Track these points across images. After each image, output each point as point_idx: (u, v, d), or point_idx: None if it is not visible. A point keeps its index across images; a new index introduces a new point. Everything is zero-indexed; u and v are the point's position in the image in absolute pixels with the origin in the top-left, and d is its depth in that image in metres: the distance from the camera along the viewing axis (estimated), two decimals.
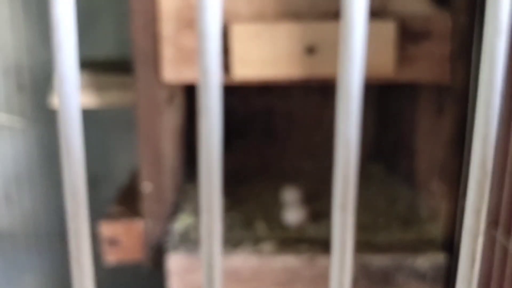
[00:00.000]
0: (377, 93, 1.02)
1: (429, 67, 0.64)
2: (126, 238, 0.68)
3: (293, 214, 0.74)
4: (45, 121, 1.07)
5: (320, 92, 1.01)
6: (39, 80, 1.05)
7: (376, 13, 0.63)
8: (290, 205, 0.76)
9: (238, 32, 0.61)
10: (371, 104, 1.02)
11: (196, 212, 0.77)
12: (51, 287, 1.18)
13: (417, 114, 0.81)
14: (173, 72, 0.63)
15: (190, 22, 0.62)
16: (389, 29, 0.63)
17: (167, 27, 0.62)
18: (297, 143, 1.03)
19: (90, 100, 0.72)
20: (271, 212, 0.79)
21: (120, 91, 0.74)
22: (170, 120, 0.74)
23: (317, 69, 0.62)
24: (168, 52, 0.63)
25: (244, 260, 0.65)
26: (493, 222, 0.59)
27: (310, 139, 1.03)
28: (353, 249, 0.28)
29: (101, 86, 0.73)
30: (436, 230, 0.71)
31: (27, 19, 1.02)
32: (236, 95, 0.99)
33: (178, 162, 0.82)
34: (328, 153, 1.12)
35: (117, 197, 0.77)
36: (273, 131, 1.02)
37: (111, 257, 0.68)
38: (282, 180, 0.94)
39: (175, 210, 0.77)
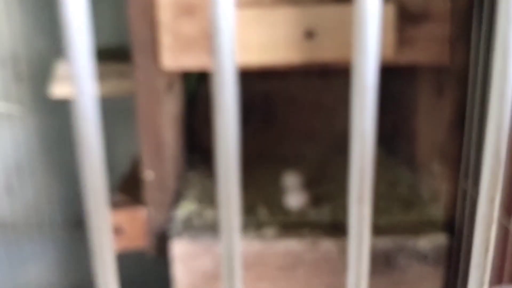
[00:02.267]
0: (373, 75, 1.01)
1: (428, 48, 0.63)
2: (130, 226, 0.69)
3: (295, 198, 0.74)
4: (44, 110, 1.06)
5: (320, 76, 1.01)
6: (36, 70, 1.04)
7: None
8: (291, 189, 0.76)
9: (237, 18, 0.60)
10: None
11: (198, 199, 0.78)
12: (53, 276, 1.19)
13: (417, 97, 0.80)
14: (171, 59, 0.63)
15: (188, 8, 0.62)
16: (388, 11, 0.62)
17: (165, 13, 0.62)
18: (296, 127, 1.03)
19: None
20: (273, 197, 0.79)
21: (119, 80, 0.74)
22: (170, 108, 0.73)
23: (316, 54, 0.62)
24: (166, 39, 0.62)
25: (247, 245, 0.65)
26: (505, 210, 0.59)
27: (309, 123, 1.03)
28: (370, 239, 0.28)
29: (99, 75, 0.73)
30: (437, 211, 0.71)
31: (23, 8, 1.01)
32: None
33: (178, 149, 0.82)
34: (328, 137, 1.12)
35: (119, 186, 0.77)
36: (273, 116, 1.02)
37: (115, 245, 0.68)
38: (282, 165, 0.94)
39: (177, 198, 0.77)
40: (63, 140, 1.09)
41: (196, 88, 0.97)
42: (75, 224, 1.15)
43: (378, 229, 0.68)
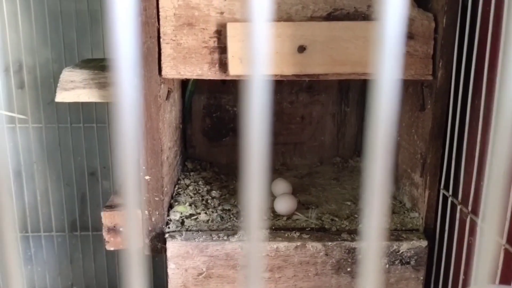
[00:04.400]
0: (358, 90, 1.03)
1: (412, 65, 0.65)
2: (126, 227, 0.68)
3: (283, 204, 0.75)
4: (44, 117, 1.06)
5: (307, 91, 1.02)
6: (39, 78, 1.04)
7: (363, 15, 0.64)
8: (280, 196, 0.76)
9: (233, 31, 0.61)
10: (355, 101, 1.03)
11: (191, 203, 0.78)
12: (50, 278, 1.18)
13: (400, 111, 0.82)
14: (171, 69, 0.64)
15: (188, 21, 0.63)
16: (375, 29, 0.63)
17: (167, 25, 0.62)
18: (285, 139, 1.03)
19: (92, 95, 0.72)
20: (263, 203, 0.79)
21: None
22: (168, 116, 0.74)
23: (307, 67, 0.63)
24: (167, 50, 0.63)
25: (238, 246, 0.65)
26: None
27: (297, 135, 1.04)
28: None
29: (101, 82, 0.73)
30: (418, 219, 0.72)
31: (29, 20, 1.01)
32: (229, 93, 0.99)
33: (173, 156, 0.82)
34: (314, 149, 1.12)
35: (118, 189, 0.77)
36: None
37: (112, 245, 0.68)
38: (271, 174, 0.95)
39: (171, 202, 0.77)
40: (62, 146, 1.08)
41: (191, 98, 0.98)
42: (71, 227, 1.14)
43: (362, 234, 0.68)
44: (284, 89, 1.01)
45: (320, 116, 1.03)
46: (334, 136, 1.05)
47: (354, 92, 1.03)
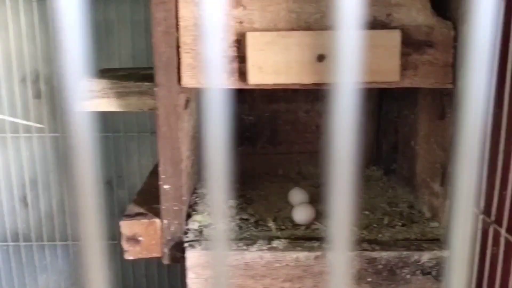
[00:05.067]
0: (376, 100, 1.02)
1: (432, 73, 0.64)
2: (146, 236, 0.68)
3: (302, 213, 0.74)
4: (61, 127, 1.07)
5: (322, 100, 1.02)
6: (54, 88, 1.05)
7: (382, 23, 0.64)
8: (298, 205, 0.76)
9: (253, 40, 0.61)
10: (371, 111, 1.03)
11: (208, 213, 0.77)
12: (63, 286, 1.17)
13: (417, 119, 0.81)
14: (191, 78, 0.64)
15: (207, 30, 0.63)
16: (394, 38, 0.63)
17: (186, 35, 0.62)
18: (301, 148, 1.03)
19: (111, 104, 0.72)
20: (281, 212, 0.79)
21: (137, 96, 0.74)
22: (186, 124, 0.74)
23: (327, 76, 0.63)
24: (186, 59, 0.63)
25: (259, 257, 0.65)
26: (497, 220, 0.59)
27: (313, 144, 1.03)
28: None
29: (120, 92, 0.74)
30: (439, 228, 0.71)
31: (44, 29, 1.02)
32: (245, 102, 0.99)
33: (191, 165, 0.82)
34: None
35: (135, 198, 0.77)
36: (279, 136, 1.03)
37: (131, 254, 0.68)
38: (287, 183, 0.94)
39: (189, 211, 0.77)
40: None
41: None
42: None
43: (383, 245, 0.68)
44: (299, 98, 1.01)
45: None
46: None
47: (370, 101, 1.02)
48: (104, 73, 0.85)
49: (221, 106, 0.25)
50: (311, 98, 1.01)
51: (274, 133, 1.02)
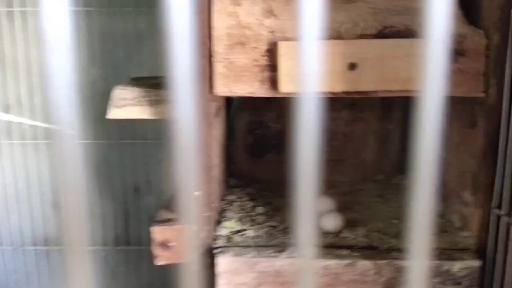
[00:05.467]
0: (402, 108, 1.02)
1: (464, 82, 0.64)
2: (177, 242, 0.69)
3: (331, 221, 0.74)
4: (91, 134, 1.09)
5: (351, 107, 1.02)
6: (87, 95, 1.07)
7: (414, 32, 0.64)
8: (327, 213, 0.76)
9: (285, 50, 0.62)
10: (396, 119, 1.02)
11: (238, 219, 0.78)
12: None
13: (448, 128, 0.81)
14: (223, 87, 0.65)
15: (240, 40, 0.64)
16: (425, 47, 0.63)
17: (219, 45, 0.64)
18: (328, 156, 1.03)
19: (144, 112, 0.73)
20: None
21: (168, 105, 0.76)
22: (216, 132, 0.75)
23: (358, 84, 0.63)
24: (219, 68, 0.64)
25: (289, 264, 0.65)
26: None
27: (339, 152, 1.03)
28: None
29: (153, 100, 0.75)
30: (469, 238, 0.71)
31: (79, 40, 1.05)
32: (272, 111, 1.00)
33: (220, 172, 0.83)
34: (356, 166, 1.12)
35: (166, 204, 0.78)
36: None
37: (162, 259, 0.69)
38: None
39: (219, 217, 0.78)
40: (106, 162, 1.11)
41: (235, 115, 0.99)
42: (114, 241, 1.16)
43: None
44: (326, 106, 1.01)
45: (362, 133, 1.02)
46: (377, 154, 1.04)
47: (398, 109, 1.02)
48: (136, 81, 0.86)
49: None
50: (338, 106, 1.01)
51: None
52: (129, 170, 1.11)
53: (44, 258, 1.16)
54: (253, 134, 1.01)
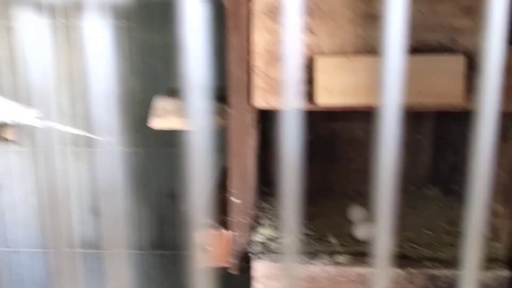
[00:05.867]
0: (433, 120, 1.03)
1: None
2: (215, 246, 0.72)
3: (363, 230, 0.76)
4: (131, 140, 1.13)
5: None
6: (125, 104, 1.12)
7: (447, 48, 0.66)
8: (359, 222, 0.78)
9: (322, 64, 0.65)
10: (428, 130, 1.04)
11: (272, 226, 0.81)
12: None
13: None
14: (261, 99, 0.68)
15: (278, 56, 0.67)
16: (458, 62, 0.65)
17: (259, 60, 0.67)
18: (358, 166, 1.05)
19: (184, 122, 0.77)
20: (341, 228, 0.81)
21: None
22: (252, 141, 0.78)
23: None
24: (258, 82, 0.67)
25: (322, 270, 0.68)
26: None
27: (369, 162, 1.05)
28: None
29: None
30: (499, 248, 0.72)
31: (118, 52, 1.10)
32: (305, 122, 1.03)
33: (255, 180, 0.86)
34: None
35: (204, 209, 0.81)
36: (336, 154, 1.05)
37: (201, 263, 0.72)
38: (344, 200, 0.97)
39: (254, 224, 0.81)
40: (146, 169, 1.15)
41: (268, 125, 1.02)
42: (151, 246, 1.20)
43: (444, 261, 0.69)
44: (357, 117, 1.03)
45: None
46: (407, 165, 1.05)
47: (428, 121, 1.04)
48: (174, 92, 0.90)
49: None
50: (370, 117, 1.03)
51: (332, 151, 1.05)
52: (165, 177, 1.15)
53: (81, 261, 1.21)
54: None
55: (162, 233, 1.19)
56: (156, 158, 1.15)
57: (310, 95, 0.67)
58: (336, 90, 0.65)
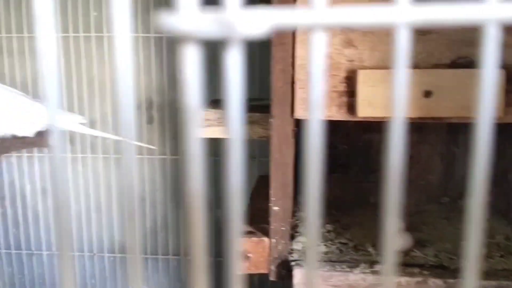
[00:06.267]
0: (468, 132, 1.04)
1: None
2: (255, 253, 0.74)
3: (400, 240, 0.77)
4: (169, 150, 1.17)
5: (416, 131, 1.05)
6: (166, 115, 1.15)
7: None
8: (396, 232, 0.79)
9: (364, 77, 0.67)
10: (465, 143, 1.04)
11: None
12: None
13: None
14: (304, 111, 0.70)
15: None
16: (498, 76, 0.66)
17: (301, 72, 0.69)
18: None
19: (225, 132, 0.79)
20: (378, 238, 0.82)
21: (249, 125, 0.82)
22: (292, 152, 0.80)
23: (433, 110, 0.67)
24: (300, 94, 0.69)
25: (362, 279, 0.69)
26: None
27: (406, 174, 1.06)
28: None
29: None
30: None
31: (159, 63, 1.13)
32: (339, 132, 1.04)
33: (293, 189, 0.88)
34: (421, 188, 1.14)
35: (245, 217, 0.83)
36: (371, 165, 1.06)
37: (241, 270, 0.74)
38: (379, 211, 0.97)
39: (292, 232, 0.82)
40: (182, 176, 1.18)
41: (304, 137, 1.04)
42: (186, 252, 1.22)
43: (482, 273, 0.70)
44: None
45: (428, 155, 1.05)
46: (442, 176, 1.06)
47: (464, 133, 1.04)
48: (215, 103, 0.93)
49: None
50: (407, 129, 1.04)
51: (367, 161, 1.06)
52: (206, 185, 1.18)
53: (120, 265, 1.24)
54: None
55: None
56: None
57: (350, 106, 0.68)
58: (378, 102, 0.67)
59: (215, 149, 1.16)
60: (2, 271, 1.29)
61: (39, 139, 1.06)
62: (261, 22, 0.21)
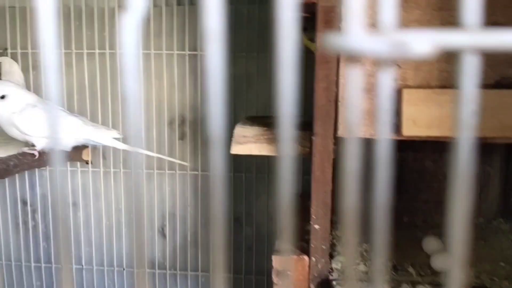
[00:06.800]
0: (503, 154, 1.03)
1: None
2: (294, 272, 0.74)
3: (441, 261, 0.76)
4: (201, 166, 1.17)
5: (449, 150, 1.04)
6: (198, 132, 1.16)
7: None
8: (438, 253, 0.78)
9: (408, 96, 0.67)
10: (498, 162, 1.03)
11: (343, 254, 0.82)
12: None
13: None
14: (345, 129, 0.70)
15: (365, 87, 0.69)
16: None
17: (345, 91, 0.69)
18: (426, 197, 1.05)
19: (262, 149, 0.80)
20: (416, 259, 0.81)
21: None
22: (332, 170, 0.80)
23: (477, 131, 0.66)
24: (344, 113, 0.69)
25: None
26: None
27: (439, 194, 1.05)
28: None
29: (271, 138, 0.81)
30: None
31: (193, 80, 1.15)
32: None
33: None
34: None
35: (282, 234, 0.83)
36: (405, 184, 1.06)
37: (280, 287, 0.74)
38: (414, 231, 0.96)
39: (331, 251, 0.82)
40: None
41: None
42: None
43: None
44: (427, 147, 1.04)
45: None
46: (476, 197, 1.04)
47: (498, 154, 1.03)
48: (250, 120, 0.94)
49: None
50: (439, 148, 1.03)
51: (401, 181, 1.06)
52: (231, 201, 1.18)
53: (149, 280, 1.24)
54: None
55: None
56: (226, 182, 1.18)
57: (394, 126, 0.68)
58: (422, 121, 0.66)
59: (248, 165, 1.16)
60: (31, 285, 1.30)
61: (73, 153, 1.08)
62: (428, 43, 0.21)
